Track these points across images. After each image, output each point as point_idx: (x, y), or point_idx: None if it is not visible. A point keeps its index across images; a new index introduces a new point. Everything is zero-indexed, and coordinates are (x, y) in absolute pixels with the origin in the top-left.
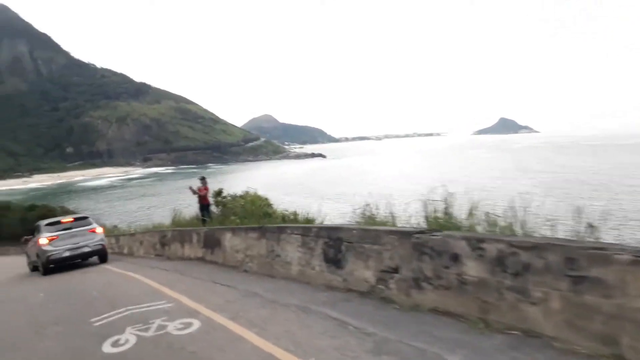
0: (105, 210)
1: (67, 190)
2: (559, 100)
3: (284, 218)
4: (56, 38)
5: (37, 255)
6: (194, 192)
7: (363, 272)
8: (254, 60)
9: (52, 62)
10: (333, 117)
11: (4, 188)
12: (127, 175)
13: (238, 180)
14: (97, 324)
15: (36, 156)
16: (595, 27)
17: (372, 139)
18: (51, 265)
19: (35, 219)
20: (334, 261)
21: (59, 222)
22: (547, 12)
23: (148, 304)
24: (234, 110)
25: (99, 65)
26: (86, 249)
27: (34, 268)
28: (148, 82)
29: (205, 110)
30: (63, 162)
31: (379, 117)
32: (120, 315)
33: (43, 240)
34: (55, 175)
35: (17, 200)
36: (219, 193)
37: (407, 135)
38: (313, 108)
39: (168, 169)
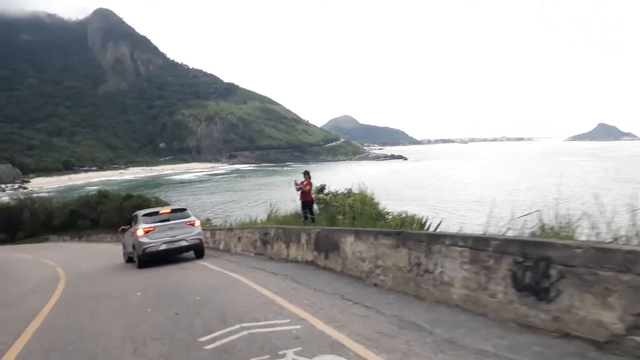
0: (192, 203)
1: (157, 183)
2: None
3: (403, 222)
4: (154, 40)
5: (133, 247)
6: (298, 188)
7: (596, 312)
8: (335, 61)
9: (150, 63)
10: (415, 118)
11: (102, 179)
12: (212, 170)
13: (315, 179)
14: (209, 347)
15: (132, 150)
16: None
17: (457, 142)
18: (146, 259)
19: (130, 209)
20: (535, 290)
21: (157, 213)
22: None
23: (268, 322)
24: (315, 110)
25: (191, 66)
26: (183, 243)
27: (129, 259)
28: (236, 82)
29: (288, 111)
30: (156, 157)
31: (464, 119)
32: (236, 336)
33: (140, 231)
34: (148, 168)
35: (114, 190)
36: (321, 189)
37: (494, 140)
38: (394, 109)
39: (250, 166)
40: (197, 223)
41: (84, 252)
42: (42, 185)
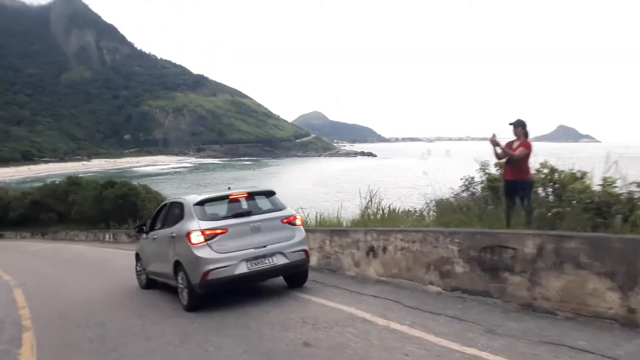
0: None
1: (124, 175)
2: (622, 109)
3: None
4: (122, 29)
5: (176, 266)
6: (502, 155)
7: None
8: (305, 56)
9: (116, 52)
10: (383, 117)
11: (64, 171)
12: (181, 163)
13: (302, 171)
14: None
15: (96, 141)
16: None
17: (423, 140)
18: (208, 292)
19: (113, 199)
20: None
21: (225, 199)
22: (613, 14)
23: None
24: (285, 105)
25: (159, 56)
26: (280, 260)
27: (149, 283)
28: (205, 74)
29: (259, 105)
30: (120, 149)
31: (431, 118)
32: None
33: (195, 236)
34: (112, 160)
35: (88, 177)
36: None
37: (460, 139)
38: (363, 107)
39: (220, 160)
40: (298, 221)
41: (56, 257)
42: None
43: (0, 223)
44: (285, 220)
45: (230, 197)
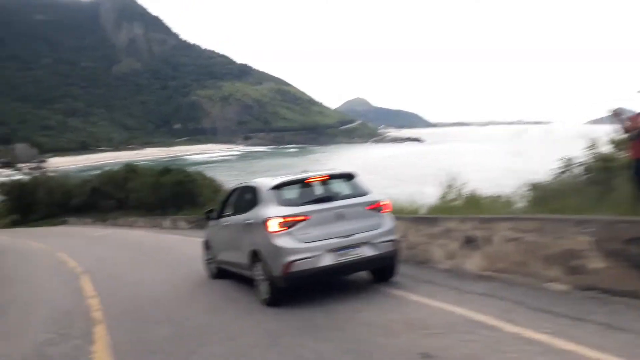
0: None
1: (177, 163)
2: None
3: None
4: (167, 21)
5: (253, 257)
6: (636, 126)
7: None
8: (347, 43)
9: (164, 44)
10: (430, 101)
11: (120, 160)
12: (230, 152)
13: (348, 158)
14: None
15: (147, 131)
16: None
17: (474, 124)
18: (291, 286)
19: (170, 186)
20: None
21: (301, 183)
22: None
23: None
24: (329, 92)
25: (203, 46)
26: (366, 252)
27: (219, 272)
28: (249, 64)
29: (303, 93)
30: (171, 138)
31: (482, 102)
32: None
33: (273, 222)
34: (165, 149)
35: (144, 165)
36: None
37: (512, 123)
38: (407, 92)
39: (267, 148)
40: (386, 206)
41: (118, 243)
42: (60, 165)
43: (64, 209)
44: (370, 207)
45: (308, 180)
